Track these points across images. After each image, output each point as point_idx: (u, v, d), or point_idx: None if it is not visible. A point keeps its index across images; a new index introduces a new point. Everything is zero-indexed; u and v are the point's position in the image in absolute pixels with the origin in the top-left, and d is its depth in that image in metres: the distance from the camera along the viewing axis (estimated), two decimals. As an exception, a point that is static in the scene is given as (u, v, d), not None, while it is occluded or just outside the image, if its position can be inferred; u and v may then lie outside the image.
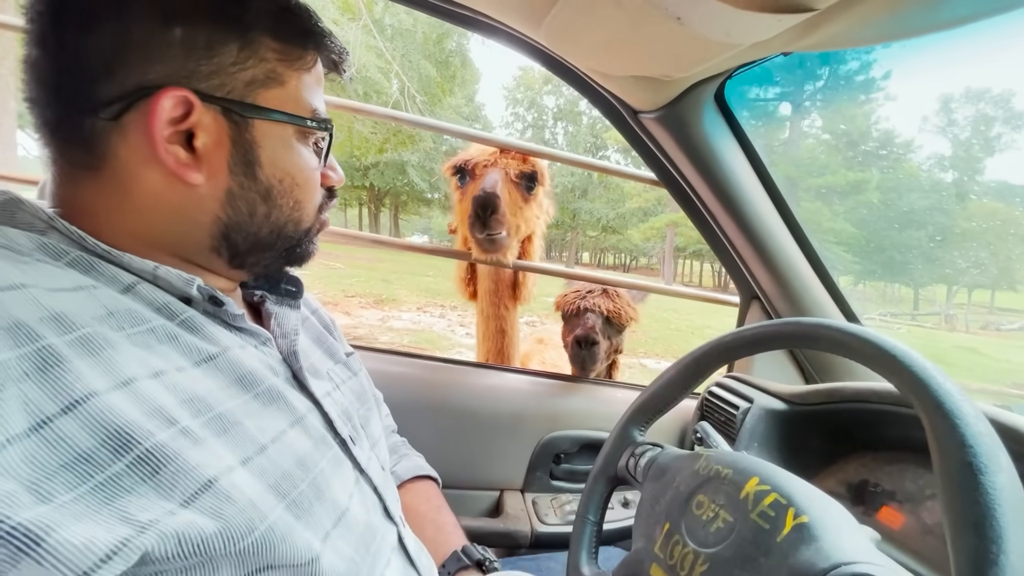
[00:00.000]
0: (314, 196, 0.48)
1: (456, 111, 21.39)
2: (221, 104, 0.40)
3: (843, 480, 0.80)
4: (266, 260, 0.48)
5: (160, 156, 0.38)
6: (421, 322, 7.55)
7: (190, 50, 0.38)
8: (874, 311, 14.23)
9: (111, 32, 0.37)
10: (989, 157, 18.72)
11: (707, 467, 0.56)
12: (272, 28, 0.42)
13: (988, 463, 0.35)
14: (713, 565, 0.48)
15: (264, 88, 0.42)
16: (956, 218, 16.30)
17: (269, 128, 0.43)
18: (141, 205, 0.40)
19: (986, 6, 0.44)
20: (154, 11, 0.37)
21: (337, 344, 0.61)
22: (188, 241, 0.43)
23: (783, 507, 0.46)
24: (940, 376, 0.41)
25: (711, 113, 0.78)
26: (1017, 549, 0.32)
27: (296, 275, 0.55)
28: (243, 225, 0.44)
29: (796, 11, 0.45)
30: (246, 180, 0.43)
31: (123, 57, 0.37)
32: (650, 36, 0.53)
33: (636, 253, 33.89)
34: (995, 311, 14.82)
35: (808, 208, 16.68)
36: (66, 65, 0.37)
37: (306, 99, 0.45)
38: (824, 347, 0.52)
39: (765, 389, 0.89)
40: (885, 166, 19.90)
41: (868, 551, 0.42)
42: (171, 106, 0.37)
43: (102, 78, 0.37)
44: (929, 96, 21.18)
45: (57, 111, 0.39)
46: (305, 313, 0.60)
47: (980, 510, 0.33)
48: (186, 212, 0.41)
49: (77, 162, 0.39)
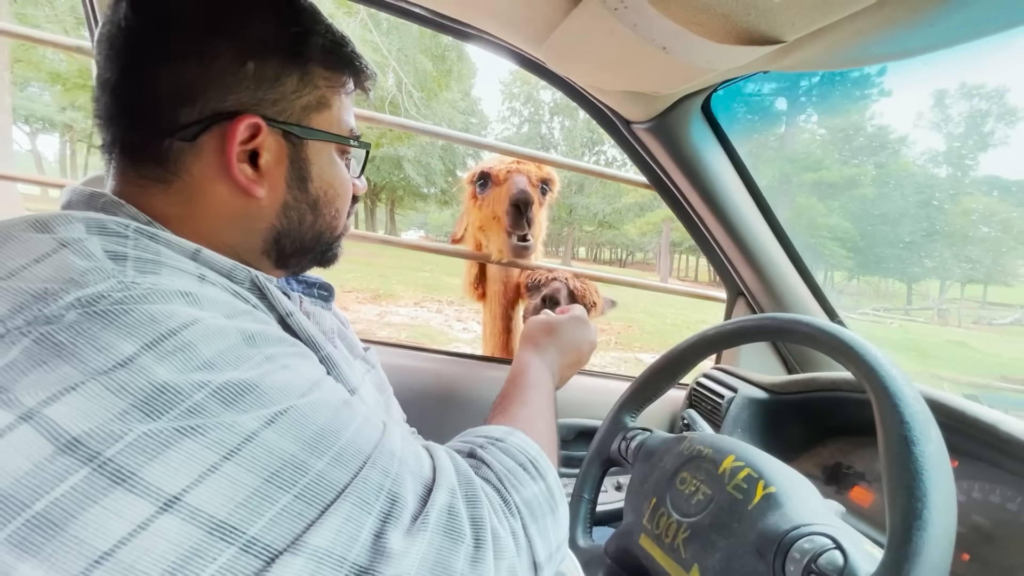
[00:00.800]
0: (347, 204, 0.55)
1: (452, 105, 21.33)
2: (283, 127, 0.45)
3: (819, 463, 0.86)
4: (304, 262, 0.54)
5: (232, 173, 0.44)
6: (418, 317, 7.59)
7: (260, 81, 0.44)
8: (867, 306, 14.38)
9: (194, 65, 0.42)
10: (983, 152, 18.86)
11: (690, 448, 0.62)
12: (323, 59, 0.47)
13: (920, 436, 0.41)
14: (694, 532, 0.54)
15: (316, 112, 0.48)
16: (949, 213, 16.42)
17: (319, 147, 0.49)
18: (209, 215, 0.45)
19: (936, 41, 0.50)
20: (233, 49, 0.43)
21: (356, 339, 0.67)
22: (244, 246, 0.48)
23: (754, 480, 0.53)
24: (888, 364, 0.47)
25: (698, 124, 0.84)
26: (939, 505, 0.38)
27: (327, 281, 0.61)
28: (293, 232, 0.49)
29: (767, 43, 0.51)
30: (299, 193, 0.48)
31: (203, 87, 0.42)
32: (641, 60, 0.59)
33: (632, 248, 33.92)
34: (987, 306, 14.97)
35: (802, 204, 16.76)
36: (149, 91, 0.42)
37: (345, 119, 0.51)
38: (796, 339, 0.58)
39: (748, 379, 0.96)
40: (880, 161, 20.02)
41: (825, 515, 0.49)
42: (243, 130, 0.43)
43: (183, 104, 0.42)
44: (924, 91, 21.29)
45: (137, 132, 0.44)
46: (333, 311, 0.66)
47: (910, 475, 0.39)
48: (247, 221, 0.47)
49: (149, 176, 0.44)
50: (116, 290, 0.32)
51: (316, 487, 0.32)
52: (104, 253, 0.34)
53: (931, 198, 17.71)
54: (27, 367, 0.28)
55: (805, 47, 0.55)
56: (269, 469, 0.31)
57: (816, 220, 16.73)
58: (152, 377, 0.30)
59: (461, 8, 0.71)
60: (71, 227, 0.35)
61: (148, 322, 0.31)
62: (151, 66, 0.42)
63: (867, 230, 17.45)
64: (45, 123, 17.86)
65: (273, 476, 0.31)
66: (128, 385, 0.29)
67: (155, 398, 0.29)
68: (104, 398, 0.28)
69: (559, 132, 30.46)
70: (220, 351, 0.33)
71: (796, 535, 0.46)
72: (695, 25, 0.50)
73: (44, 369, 0.28)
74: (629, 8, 0.49)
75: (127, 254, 0.35)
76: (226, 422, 0.31)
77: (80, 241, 0.34)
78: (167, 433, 0.29)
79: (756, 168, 0.92)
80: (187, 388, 0.30)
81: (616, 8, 0.50)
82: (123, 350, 0.30)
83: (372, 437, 0.37)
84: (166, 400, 0.29)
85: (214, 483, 0.29)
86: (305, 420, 0.34)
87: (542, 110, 30.32)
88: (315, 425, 0.34)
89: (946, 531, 0.38)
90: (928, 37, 0.48)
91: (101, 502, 0.27)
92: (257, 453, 0.31)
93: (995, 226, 15.32)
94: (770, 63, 0.61)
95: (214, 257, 0.42)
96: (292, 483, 0.31)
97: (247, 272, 0.44)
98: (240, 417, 0.31)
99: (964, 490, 0.66)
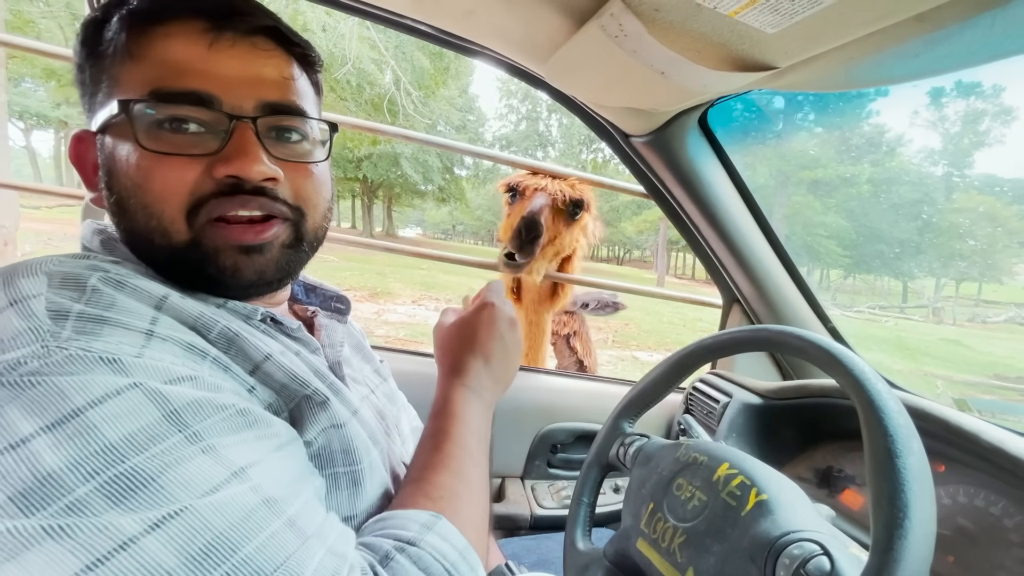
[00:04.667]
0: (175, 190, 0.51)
1: (450, 103, 21.26)
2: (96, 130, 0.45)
3: (811, 466, 0.89)
4: (191, 278, 0.48)
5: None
6: (416, 315, 7.58)
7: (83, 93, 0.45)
8: (863, 304, 14.45)
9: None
10: (978, 150, 18.96)
11: (686, 454, 0.64)
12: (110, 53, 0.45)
13: (903, 448, 0.43)
14: (689, 537, 0.57)
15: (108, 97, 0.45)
16: (945, 211, 16.50)
17: (113, 132, 0.46)
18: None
19: (922, 70, 0.52)
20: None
21: (371, 352, 0.69)
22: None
23: (747, 487, 0.55)
24: (873, 377, 0.49)
25: (695, 137, 0.86)
26: (920, 516, 0.41)
27: (344, 294, 0.62)
28: (134, 243, 0.46)
29: (761, 69, 0.53)
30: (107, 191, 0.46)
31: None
32: (639, 81, 0.61)
33: (629, 246, 34.01)
34: (981, 304, 15.06)
35: (799, 201, 16.80)
36: None
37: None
38: (787, 351, 0.61)
39: (743, 385, 0.98)
40: (876, 159, 20.09)
41: (815, 522, 0.51)
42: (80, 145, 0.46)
43: None
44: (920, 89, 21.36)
45: None
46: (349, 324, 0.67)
47: (893, 486, 0.42)
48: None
49: None
50: (35, 356, 0.30)
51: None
52: (47, 312, 0.32)
53: (926, 196, 17.79)
54: None
55: (798, 72, 0.57)
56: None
57: (812, 218, 16.79)
58: (39, 465, 0.27)
59: (467, 27, 0.73)
60: (31, 282, 0.34)
61: (55, 398, 0.29)
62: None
63: (863, 227, 17.53)
64: (39, 119, 17.73)
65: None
66: (11, 473, 0.27)
67: (34, 491, 0.26)
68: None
69: (557, 130, 30.46)
70: (128, 433, 0.29)
71: (786, 541, 0.48)
72: (692, 52, 0.52)
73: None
74: (629, 36, 0.51)
75: (71, 311, 0.33)
76: (103, 524, 0.27)
77: (27, 300, 0.33)
78: (32, 532, 0.26)
79: (753, 167, 0.94)
80: (72, 480, 0.27)
81: (616, 35, 0.52)
82: (20, 430, 0.28)
83: (281, 551, 0.31)
84: (45, 493, 0.27)
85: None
86: (200, 526, 0.29)
87: (540, 107, 30.29)
88: (210, 532, 0.29)
89: (926, 539, 0.41)
90: (914, 66, 0.50)
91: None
92: (127, 565, 0.26)
93: (990, 224, 15.40)
94: (764, 84, 0.63)
95: (181, 306, 0.39)
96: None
97: (216, 321, 0.40)
98: (122, 519, 0.27)
99: (950, 494, 0.68)
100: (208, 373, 0.37)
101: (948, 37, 0.45)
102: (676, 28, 0.50)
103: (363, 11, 0.75)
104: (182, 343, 0.37)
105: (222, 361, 0.39)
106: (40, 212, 13.03)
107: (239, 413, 0.35)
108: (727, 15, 0.47)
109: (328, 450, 0.43)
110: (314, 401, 0.43)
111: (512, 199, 1.35)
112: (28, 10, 11.01)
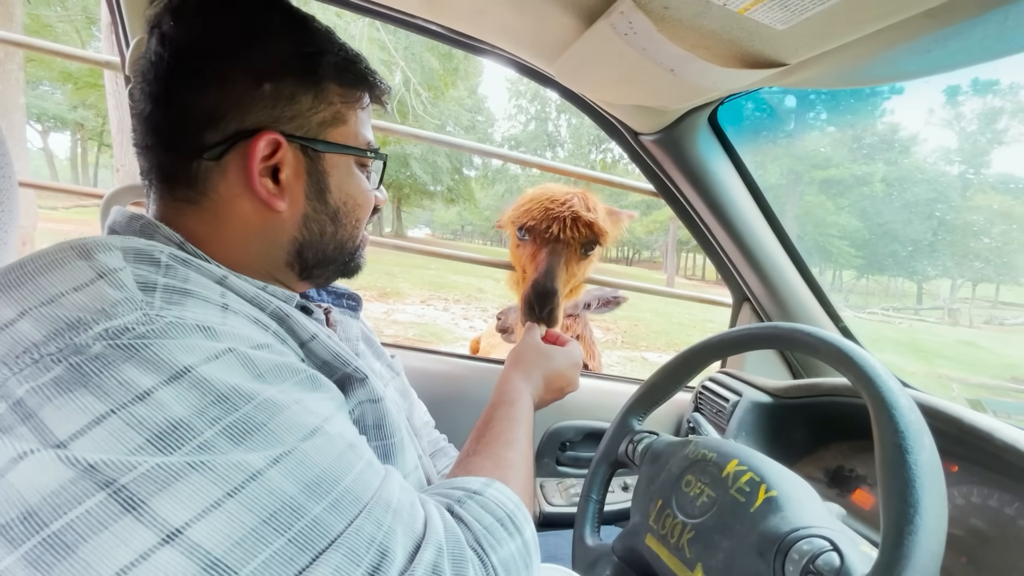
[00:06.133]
0: (368, 215, 0.58)
1: (459, 103, 21.33)
2: (300, 142, 0.48)
3: (821, 466, 0.88)
4: (327, 273, 0.57)
5: (255, 188, 0.47)
6: (425, 315, 7.62)
7: (277, 100, 0.47)
8: (876, 305, 14.25)
9: (215, 90, 0.45)
10: (996, 149, 18.61)
11: (695, 452, 0.64)
12: (337, 77, 0.50)
13: (914, 445, 0.43)
14: (698, 533, 0.57)
15: (332, 127, 0.51)
16: (961, 211, 16.22)
17: (336, 159, 0.52)
18: (235, 231, 0.48)
19: (934, 66, 0.52)
20: (250, 73, 0.46)
21: (382, 348, 0.70)
22: (270, 259, 0.51)
23: (756, 484, 0.55)
24: (885, 374, 0.49)
25: (705, 135, 0.86)
26: (930, 511, 0.41)
27: (356, 292, 0.64)
28: (314, 243, 0.52)
29: (771, 66, 0.53)
30: (319, 204, 0.51)
31: (225, 109, 0.45)
32: (649, 79, 0.62)
33: (639, 246, 33.83)
34: (999, 305, 14.78)
35: (811, 201, 16.61)
36: (178, 118, 0.46)
37: (362, 133, 0.54)
38: (798, 348, 0.60)
39: (752, 384, 0.98)
40: (890, 158, 19.80)
41: (824, 518, 0.51)
42: (264, 146, 0.46)
43: (208, 127, 0.45)
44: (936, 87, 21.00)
45: (169, 156, 0.47)
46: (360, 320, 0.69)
47: (903, 482, 0.42)
48: (270, 234, 0.50)
49: (181, 197, 0.47)
50: (140, 323, 0.34)
51: (310, 533, 0.32)
52: (135, 284, 0.36)
53: (942, 196, 17.50)
54: (55, 394, 0.30)
55: (808, 68, 0.57)
56: (268, 510, 0.31)
57: (825, 218, 16.59)
58: (167, 413, 0.31)
59: (477, 27, 0.74)
60: (109, 256, 0.37)
61: (166, 358, 0.33)
62: (178, 94, 0.45)
63: (876, 227, 17.29)
64: (56, 121, 18.07)
65: (271, 517, 0.31)
66: (145, 420, 0.30)
67: (169, 434, 0.31)
68: (123, 432, 0.30)
69: (566, 129, 30.41)
70: (231, 387, 0.34)
71: (795, 537, 0.48)
72: (701, 49, 0.52)
73: (69, 397, 0.30)
74: (638, 33, 0.52)
75: (156, 283, 0.37)
76: (233, 460, 0.32)
77: (115, 272, 0.36)
78: (178, 467, 0.30)
79: (765, 166, 0.94)
80: (199, 425, 0.32)
81: (626, 33, 0.52)
82: (141, 384, 0.31)
83: (371, 484, 0.38)
84: (179, 436, 0.31)
85: (215, 519, 0.30)
86: (308, 462, 0.34)
87: (548, 107, 30.26)
88: (317, 468, 0.34)
89: (936, 535, 0.41)
90: (926, 62, 0.50)
91: (111, 528, 0.28)
92: (259, 493, 0.31)
93: (1008, 224, 15.11)
94: (774, 81, 0.63)
95: (240, 284, 0.44)
96: (288, 526, 0.32)
97: (270, 300, 0.46)
98: (247, 456, 0.32)
99: (963, 494, 0.68)
100: (275, 342, 0.42)
101: (959, 33, 0.45)
102: (686, 25, 0.50)
103: (376, 12, 0.76)
104: (249, 316, 0.42)
105: (280, 335, 0.45)
106: (57, 212, 13.30)
107: (309, 378, 0.41)
108: (736, 12, 0.47)
109: (362, 424, 0.48)
110: (355, 378, 0.49)
111: (521, 237, 1.17)
112: (46, 14, 11.23)
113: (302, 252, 0.52)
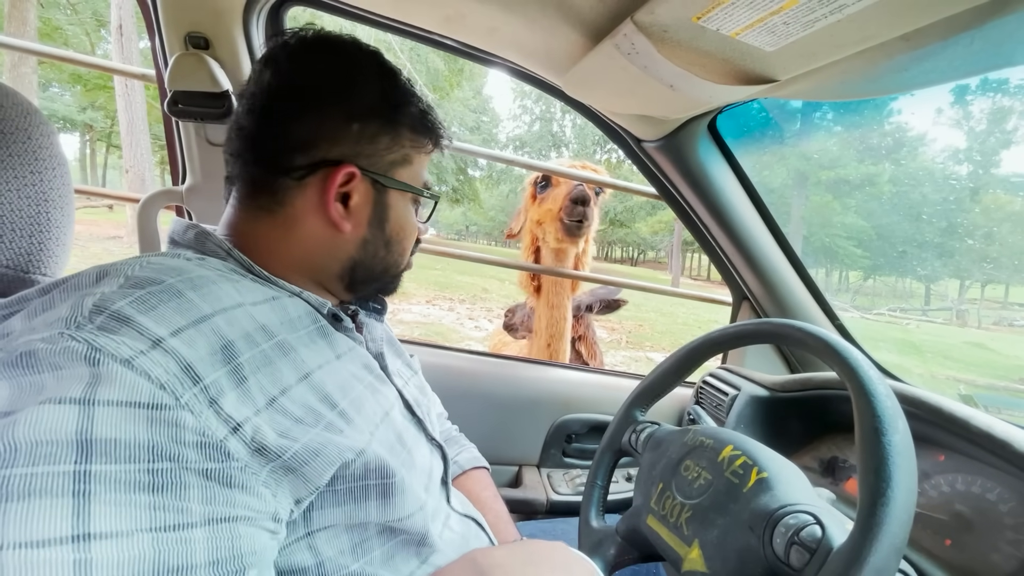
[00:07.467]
0: (412, 244, 0.64)
1: (464, 104, 21.40)
2: (372, 176, 0.54)
3: (816, 456, 0.92)
4: (370, 290, 0.62)
5: (328, 209, 0.52)
6: (431, 315, 7.65)
7: (361, 139, 0.53)
8: (883, 306, 14.16)
9: (313, 123, 0.51)
10: (1006, 149, 18.43)
11: (693, 438, 0.69)
12: (412, 125, 0.57)
13: (888, 427, 0.48)
14: (695, 512, 0.61)
15: (400, 167, 0.57)
16: (970, 211, 16.08)
17: (398, 195, 0.58)
18: (302, 242, 0.54)
19: (912, 83, 0.56)
20: (344, 112, 0.52)
21: (401, 347, 0.75)
22: (325, 271, 0.57)
23: (749, 466, 0.60)
24: (866, 364, 0.54)
25: (705, 141, 0.91)
26: (902, 486, 0.45)
27: (382, 297, 0.69)
28: (367, 263, 0.58)
29: (762, 83, 0.58)
30: (377, 231, 0.57)
31: (316, 140, 0.52)
32: (650, 92, 0.66)
33: (644, 247, 33.67)
34: (1008, 306, 14.63)
35: (818, 201, 16.53)
36: (276, 140, 0.52)
37: (422, 174, 0.61)
38: (788, 342, 0.65)
39: (750, 378, 1.02)
40: (897, 158, 19.67)
41: (810, 496, 0.56)
42: (342, 176, 0.52)
43: (298, 151, 0.52)
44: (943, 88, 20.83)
45: (259, 169, 0.53)
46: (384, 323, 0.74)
47: (878, 460, 0.46)
48: (332, 250, 0.55)
49: (261, 205, 0.53)
50: (49, 341, 0.33)
51: None
52: (92, 307, 0.35)
53: (951, 196, 17.37)
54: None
55: (797, 83, 0.62)
56: None
57: (831, 219, 16.51)
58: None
59: (491, 43, 0.79)
60: (109, 281, 0.38)
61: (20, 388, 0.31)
62: (279, 119, 0.52)
63: (883, 228, 17.18)
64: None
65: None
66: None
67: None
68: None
69: (571, 130, 30.37)
70: (41, 440, 0.29)
71: (783, 512, 0.53)
72: (698, 67, 0.57)
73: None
74: (640, 53, 0.57)
75: (105, 309, 0.35)
76: None
77: (93, 295, 0.36)
78: None
79: (770, 167, 0.98)
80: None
81: (629, 53, 0.57)
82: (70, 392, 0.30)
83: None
84: None
85: None
86: None
87: (553, 108, 30.25)
88: None
89: (907, 507, 0.45)
90: (904, 80, 0.55)
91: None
92: None
93: (1018, 224, 14.96)
94: (766, 94, 0.68)
95: (249, 313, 0.44)
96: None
97: (300, 315, 0.50)
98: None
99: (949, 482, 0.72)
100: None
101: (933, 54, 0.50)
102: (683, 46, 0.55)
103: (399, 29, 0.81)
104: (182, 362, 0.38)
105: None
106: (68, 213, 13.37)
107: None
108: (729, 35, 0.51)
109: (361, 471, 0.47)
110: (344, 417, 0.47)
111: (542, 189, 1.51)
112: (56, 17, 11.38)
113: (355, 269, 0.57)
